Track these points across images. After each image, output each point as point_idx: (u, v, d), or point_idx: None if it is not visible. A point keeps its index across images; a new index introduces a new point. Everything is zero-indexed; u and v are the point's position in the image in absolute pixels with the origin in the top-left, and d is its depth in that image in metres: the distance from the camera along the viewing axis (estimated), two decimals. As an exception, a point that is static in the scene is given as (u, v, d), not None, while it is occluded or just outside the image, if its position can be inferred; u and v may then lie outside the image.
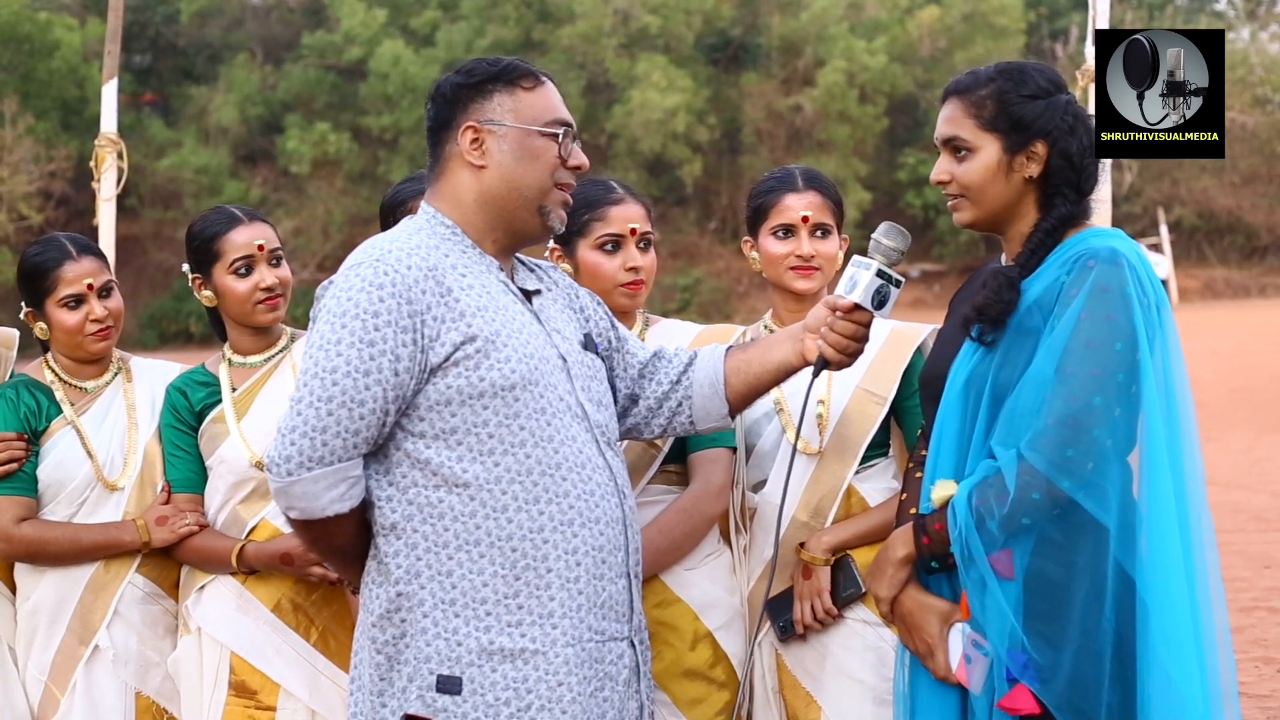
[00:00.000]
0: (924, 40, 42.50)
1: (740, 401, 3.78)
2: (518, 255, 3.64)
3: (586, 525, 3.40)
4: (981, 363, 3.44)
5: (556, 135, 3.49)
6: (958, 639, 3.42)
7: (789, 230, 4.29)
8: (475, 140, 3.48)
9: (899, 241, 3.59)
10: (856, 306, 3.57)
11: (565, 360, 3.50)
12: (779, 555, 4.20)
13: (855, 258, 3.61)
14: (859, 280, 3.57)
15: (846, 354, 3.61)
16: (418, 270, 3.35)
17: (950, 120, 3.52)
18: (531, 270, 3.68)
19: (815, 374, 3.66)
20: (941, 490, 3.40)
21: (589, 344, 3.64)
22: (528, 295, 3.56)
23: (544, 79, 3.55)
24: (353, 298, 3.32)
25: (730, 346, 3.80)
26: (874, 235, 3.60)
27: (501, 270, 3.52)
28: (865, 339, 3.62)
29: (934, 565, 3.45)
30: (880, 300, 3.57)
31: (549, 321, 3.55)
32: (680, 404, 3.77)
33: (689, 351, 3.83)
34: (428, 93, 3.62)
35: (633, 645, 3.52)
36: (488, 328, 3.36)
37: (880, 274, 3.56)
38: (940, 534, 3.38)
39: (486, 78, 3.50)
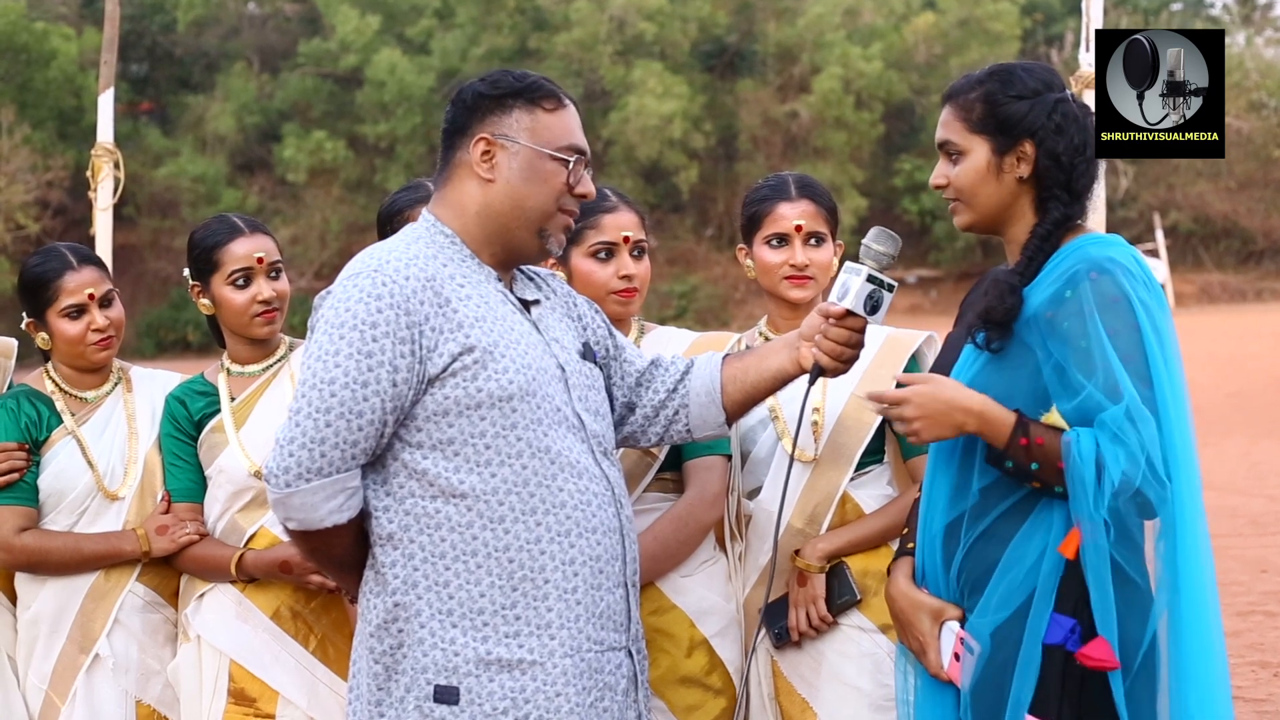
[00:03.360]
0: (920, 46, 42.51)
1: (737, 409, 3.78)
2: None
3: (584, 535, 3.41)
4: (982, 371, 3.44)
5: (568, 161, 3.48)
6: (949, 637, 3.44)
7: (783, 239, 4.30)
8: (486, 153, 3.47)
9: (889, 246, 3.60)
10: (849, 313, 3.58)
11: (563, 370, 3.50)
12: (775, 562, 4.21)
13: (847, 264, 3.62)
14: (850, 287, 3.58)
15: (841, 360, 3.62)
16: (416, 281, 3.35)
17: (944, 124, 3.54)
18: (530, 279, 3.68)
19: (811, 381, 3.66)
20: (1055, 418, 3.34)
21: (587, 353, 3.63)
22: (526, 305, 3.56)
23: (566, 102, 3.54)
24: (350, 308, 3.32)
25: (727, 355, 3.80)
26: (864, 241, 3.60)
27: (500, 280, 3.52)
28: (860, 345, 3.63)
29: (1009, 465, 3.36)
30: (873, 305, 3.58)
31: (547, 331, 3.55)
32: (677, 412, 3.78)
33: (686, 360, 3.83)
34: (438, 99, 3.61)
35: (631, 655, 3.53)
36: (485, 338, 3.37)
37: (871, 279, 3.57)
38: (1041, 449, 3.30)
39: (509, 92, 3.49)
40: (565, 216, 3.53)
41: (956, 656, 3.41)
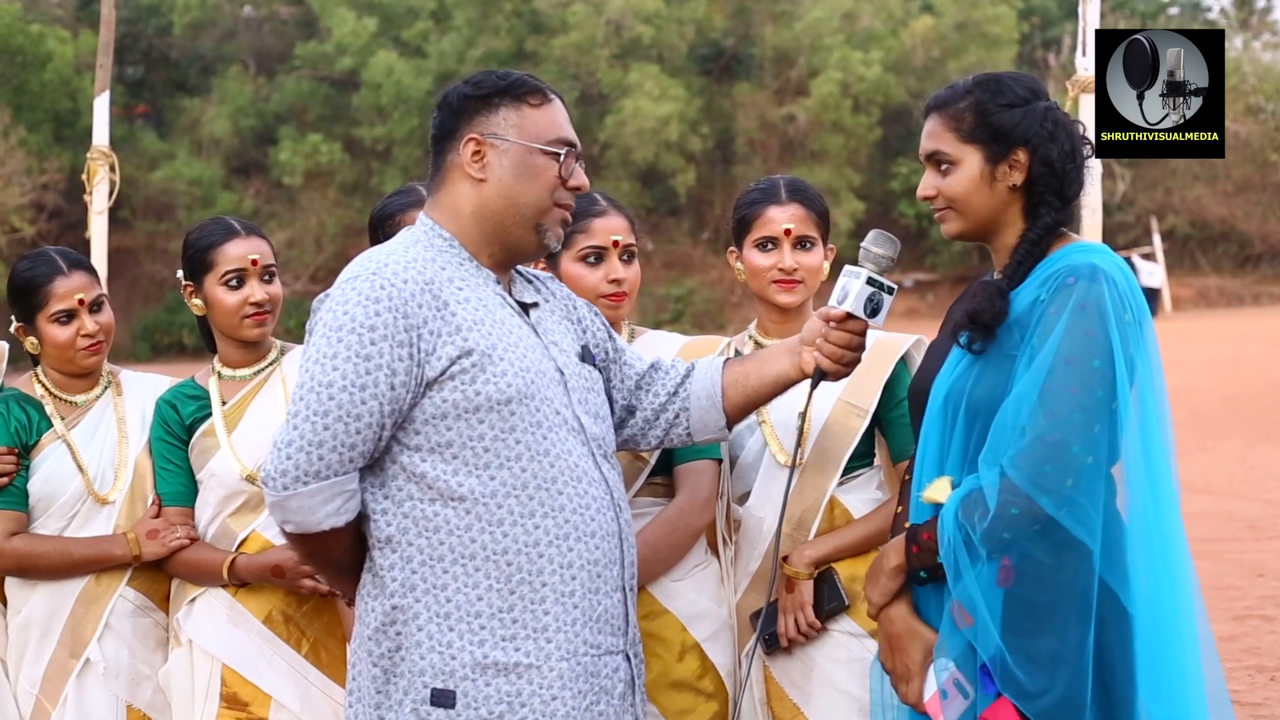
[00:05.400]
0: (917, 50, 42.51)
1: (738, 414, 3.78)
2: (516, 267, 3.64)
3: (582, 539, 3.40)
4: (962, 377, 3.45)
5: (558, 155, 3.49)
6: (942, 674, 3.39)
7: (772, 242, 4.29)
8: (477, 153, 3.47)
9: (888, 248, 3.60)
10: (849, 315, 3.58)
11: (562, 373, 3.50)
12: (763, 567, 4.20)
13: (846, 267, 3.62)
14: (850, 289, 3.58)
15: (843, 364, 3.62)
16: (414, 284, 3.34)
17: (932, 135, 3.54)
18: (529, 282, 3.68)
19: (814, 386, 3.66)
20: (933, 492, 3.39)
21: (586, 356, 3.63)
22: (525, 308, 3.56)
23: (552, 96, 3.54)
24: (349, 311, 3.32)
25: (728, 359, 3.81)
26: (863, 243, 3.61)
27: (499, 283, 3.52)
28: (861, 348, 3.63)
29: (923, 575, 3.44)
30: (873, 308, 3.58)
31: (546, 334, 3.55)
32: (678, 415, 3.77)
33: (687, 363, 3.83)
34: (435, 101, 3.62)
35: (628, 659, 3.52)
36: (484, 342, 3.36)
37: (871, 282, 3.57)
38: (929, 544, 3.38)
39: (494, 91, 3.50)
40: (561, 210, 3.53)
41: (943, 693, 3.38)
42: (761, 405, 3.83)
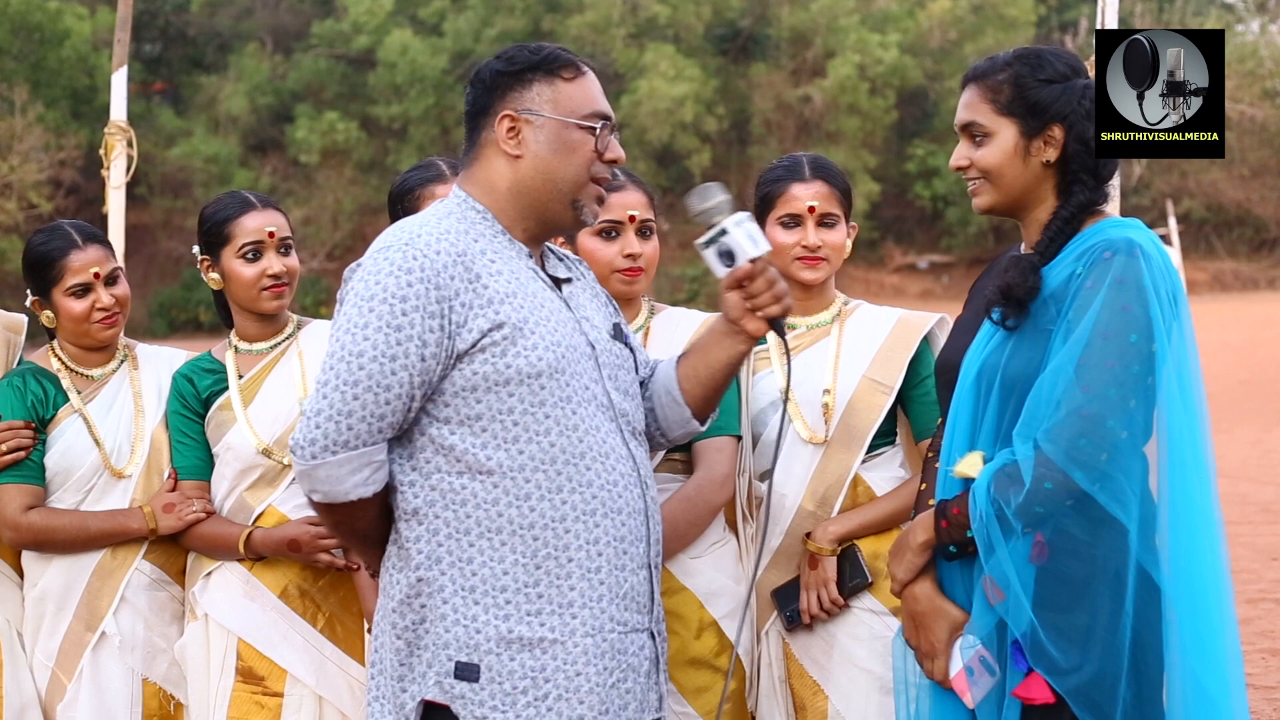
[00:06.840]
0: (934, 32, 42.46)
1: (702, 405, 3.68)
2: (547, 244, 3.61)
3: (609, 515, 3.39)
4: (995, 353, 3.42)
5: (594, 128, 3.46)
6: (967, 652, 3.38)
7: (796, 220, 4.27)
8: (512, 129, 3.44)
9: (706, 198, 3.47)
10: (732, 274, 3.47)
11: (594, 348, 3.48)
12: (784, 544, 4.19)
13: (696, 244, 3.51)
14: (710, 260, 3.48)
15: (783, 299, 3.50)
16: (446, 255, 3.32)
17: (968, 105, 3.50)
18: (561, 259, 3.66)
19: (781, 336, 3.55)
20: (964, 466, 3.38)
21: (618, 334, 3.60)
22: (558, 283, 3.54)
23: (585, 69, 3.52)
24: (380, 281, 3.30)
25: (682, 354, 3.72)
26: (690, 213, 3.50)
27: (531, 257, 3.50)
28: (779, 277, 3.50)
29: (952, 550, 3.42)
30: (729, 253, 3.45)
31: (579, 309, 3.53)
32: (647, 414, 3.71)
33: (655, 362, 3.78)
34: (451, 80, 3.59)
35: (653, 636, 3.51)
36: (515, 315, 3.34)
37: (709, 242, 3.46)
38: (958, 518, 3.36)
39: (527, 66, 3.46)
40: (597, 185, 3.49)
41: (969, 670, 3.37)
42: (724, 389, 3.70)
